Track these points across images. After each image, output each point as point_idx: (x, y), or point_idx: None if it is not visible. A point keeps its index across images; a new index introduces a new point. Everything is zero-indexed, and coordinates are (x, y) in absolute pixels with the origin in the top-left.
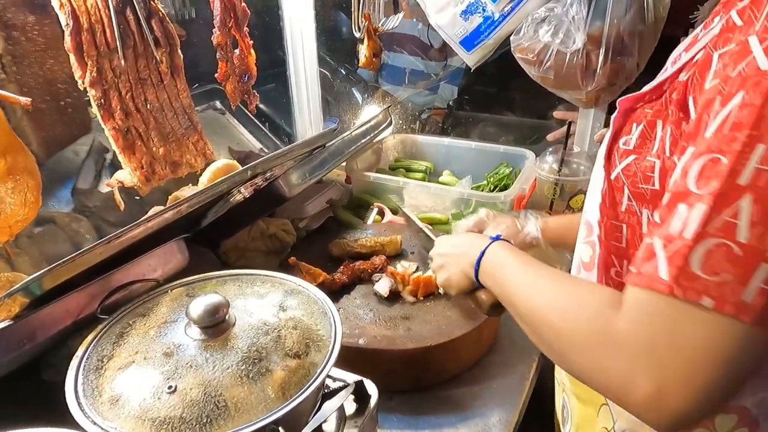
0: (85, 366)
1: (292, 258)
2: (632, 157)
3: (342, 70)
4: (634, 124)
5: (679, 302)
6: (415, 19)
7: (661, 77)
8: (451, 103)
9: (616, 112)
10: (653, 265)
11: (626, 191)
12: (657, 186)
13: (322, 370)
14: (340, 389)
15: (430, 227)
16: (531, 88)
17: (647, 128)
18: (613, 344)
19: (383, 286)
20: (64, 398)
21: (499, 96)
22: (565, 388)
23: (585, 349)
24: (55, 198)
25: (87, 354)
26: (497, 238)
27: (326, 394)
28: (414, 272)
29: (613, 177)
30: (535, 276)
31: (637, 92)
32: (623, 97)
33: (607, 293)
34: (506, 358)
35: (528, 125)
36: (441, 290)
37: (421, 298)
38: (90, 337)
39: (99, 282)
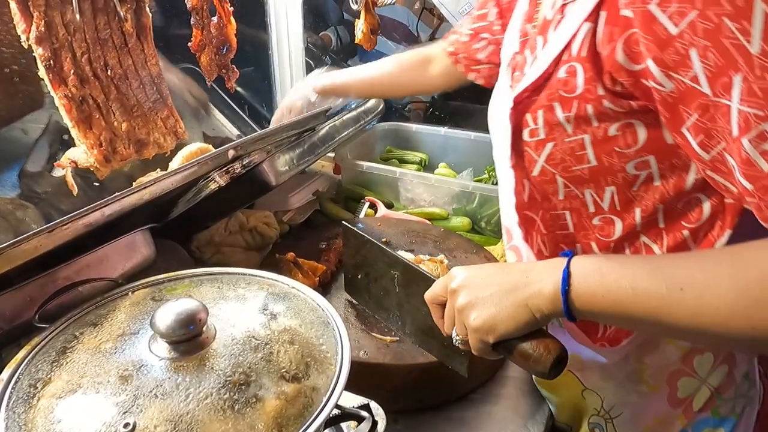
0: (11, 394)
1: (290, 254)
2: (550, 144)
3: (327, 59)
4: (528, 116)
5: None
6: (406, 7)
7: (543, 62)
8: (435, 96)
9: (509, 109)
10: None
11: (559, 180)
12: (594, 161)
13: (328, 399)
14: (344, 417)
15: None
16: None
17: (548, 114)
18: None
19: None
20: None
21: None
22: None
23: None
24: None
25: (16, 377)
26: (570, 254)
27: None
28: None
29: (536, 173)
30: (691, 264)
31: (529, 84)
32: (518, 92)
33: None
34: (523, 373)
35: None
36: (457, 340)
37: None
38: (21, 354)
39: (40, 280)
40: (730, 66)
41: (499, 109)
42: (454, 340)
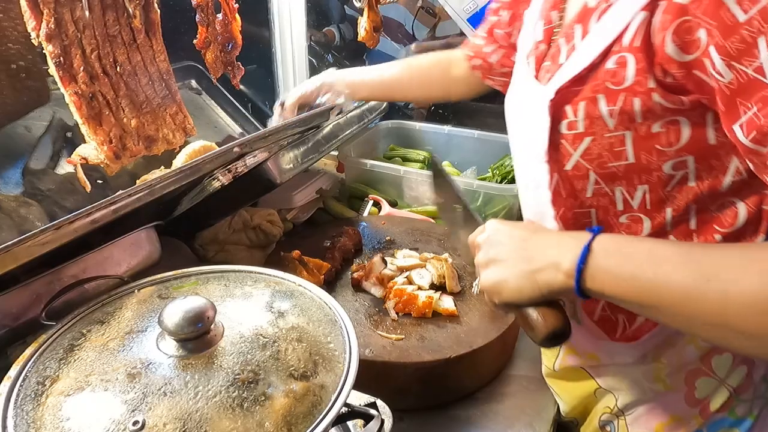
0: (19, 391)
1: (296, 251)
2: (588, 139)
3: (329, 57)
4: (569, 107)
5: None
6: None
7: (588, 52)
8: None
9: (548, 101)
10: None
11: (592, 176)
12: (632, 159)
13: (337, 397)
14: (352, 416)
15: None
16: None
17: (590, 107)
18: None
19: (377, 290)
20: None
21: None
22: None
23: None
24: (0, 178)
25: (23, 374)
26: (598, 230)
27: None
28: (403, 273)
29: (570, 167)
30: (723, 255)
31: (573, 75)
32: (560, 86)
33: None
34: (528, 371)
35: None
36: (476, 288)
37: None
38: (28, 352)
39: (46, 278)
40: None
41: (529, 101)
42: (473, 286)
